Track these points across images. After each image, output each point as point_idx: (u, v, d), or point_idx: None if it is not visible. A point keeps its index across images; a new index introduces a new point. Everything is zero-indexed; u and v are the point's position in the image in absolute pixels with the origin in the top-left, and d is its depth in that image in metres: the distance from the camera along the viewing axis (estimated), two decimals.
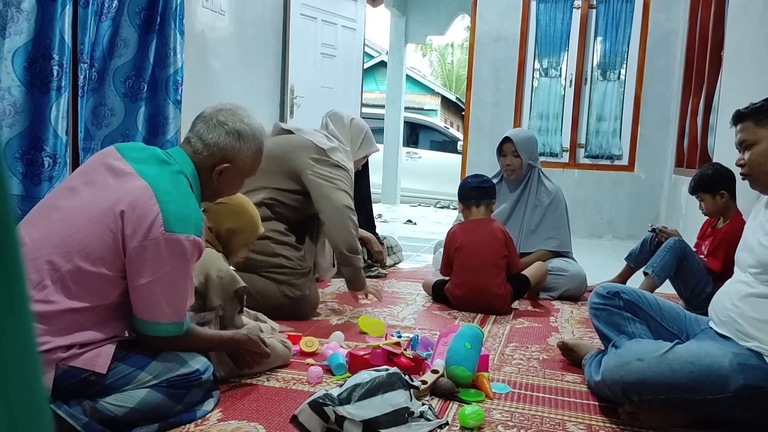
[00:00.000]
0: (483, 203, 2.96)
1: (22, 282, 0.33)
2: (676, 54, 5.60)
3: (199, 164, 1.60)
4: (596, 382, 1.81)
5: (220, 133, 1.60)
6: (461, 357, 1.82)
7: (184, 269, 1.47)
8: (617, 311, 1.94)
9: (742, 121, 1.78)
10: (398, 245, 3.97)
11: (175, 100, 3.85)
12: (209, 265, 1.84)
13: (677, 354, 1.63)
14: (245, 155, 1.63)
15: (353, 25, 6.04)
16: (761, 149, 1.71)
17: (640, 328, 1.89)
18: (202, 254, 1.54)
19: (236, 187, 1.71)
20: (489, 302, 2.81)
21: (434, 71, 21.67)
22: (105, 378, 1.42)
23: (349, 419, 1.43)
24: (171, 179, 1.50)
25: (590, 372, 1.89)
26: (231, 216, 2.00)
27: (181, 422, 1.53)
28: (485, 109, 6.13)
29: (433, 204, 9.21)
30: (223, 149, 1.60)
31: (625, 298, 1.97)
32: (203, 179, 1.61)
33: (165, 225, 1.42)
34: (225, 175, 1.62)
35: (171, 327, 1.49)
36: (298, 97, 5.38)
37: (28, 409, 0.32)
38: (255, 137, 1.65)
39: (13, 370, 0.31)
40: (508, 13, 6.02)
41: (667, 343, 1.68)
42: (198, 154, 1.60)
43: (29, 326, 0.33)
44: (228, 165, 1.61)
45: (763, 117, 1.73)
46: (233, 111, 1.65)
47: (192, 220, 1.47)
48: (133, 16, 3.77)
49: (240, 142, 1.62)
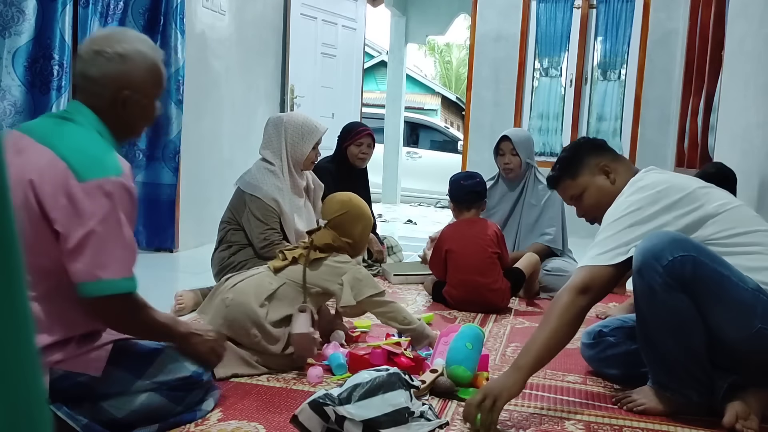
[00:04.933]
0: (475, 206, 2.97)
1: (21, 282, 0.33)
2: (676, 54, 5.60)
3: (98, 105, 1.44)
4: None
5: (100, 63, 1.42)
6: (462, 357, 1.82)
7: (114, 215, 1.34)
8: (615, 349, 1.97)
9: (559, 183, 1.95)
10: (398, 245, 3.97)
11: (177, 100, 3.86)
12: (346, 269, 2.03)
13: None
14: (139, 75, 1.45)
15: (353, 24, 6.04)
16: (590, 193, 1.88)
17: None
18: (134, 195, 1.41)
19: (150, 113, 1.52)
20: (488, 299, 2.81)
21: (437, 71, 21.67)
22: (102, 384, 1.41)
23: (349, 419, 1.43)
24: (70, 133, 1.38)
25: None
26: (356, 220, 2.12)
27: (182, 422, 1.52)
28: (485, 109, 6.13)
29: (433, 204, 9.20)
30: (113, 78, 1.42)
31: (611, 329, 2.01)
32: (110, 118, 1.45)
33: (77, 176, 1.31)
34: (130, 104, 1.45)
35: (120, 283, 1.35)
36: (298, 96, 5.38)
37: (28, 409, 0.32)
38: (141, 53, 1.46)
39: (12, 370, 0.31)
40: (508, 13, 6.02)
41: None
42: (91, 96, 1.44)
43: (29, 326, 0.33)
44: (127, 92, 1.44)
45: (574, 169, 1.89)
46: (106, 36, 1.47)
47: (105, 161, 1.36)
48: (138, 17, 3.78)
49: (126, 64, 1.43)
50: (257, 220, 2.66)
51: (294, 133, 2.75)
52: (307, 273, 2.00)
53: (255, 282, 1.98)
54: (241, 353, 1.87)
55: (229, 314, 1.90)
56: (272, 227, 2.68)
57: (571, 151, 1.96)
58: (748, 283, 1.57)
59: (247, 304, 1.90)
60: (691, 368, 1.66)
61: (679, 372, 1.67)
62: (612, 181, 1.86)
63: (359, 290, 2.01)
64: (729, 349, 1.62)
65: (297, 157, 2.76)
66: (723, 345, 1.62)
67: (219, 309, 1.93)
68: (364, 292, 2.02)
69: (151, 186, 3.88)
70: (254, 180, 2.72)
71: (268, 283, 1.97)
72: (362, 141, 3.53)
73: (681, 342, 1.63)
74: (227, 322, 1.89)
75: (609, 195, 1.82)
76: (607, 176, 1.87)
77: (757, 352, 1.58)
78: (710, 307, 1.58)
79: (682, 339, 1.62)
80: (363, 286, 2.02)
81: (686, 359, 1.65)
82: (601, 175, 1.87)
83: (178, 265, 3.74)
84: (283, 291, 1.97)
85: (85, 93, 1.45)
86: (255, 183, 2.71)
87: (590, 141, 1.99)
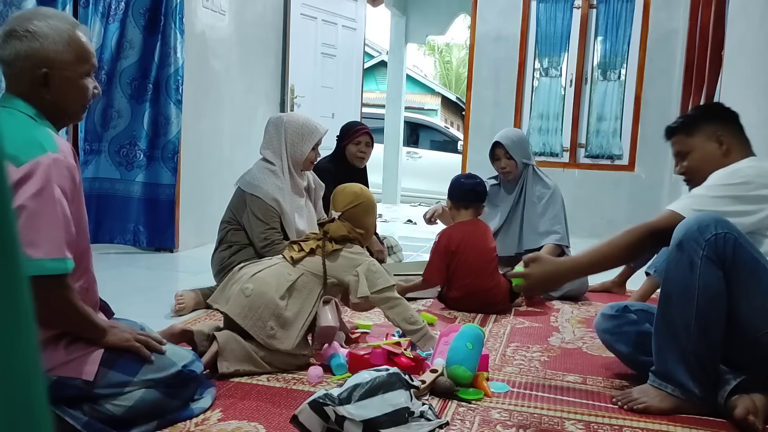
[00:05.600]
0: (473, 206, 2.96)
1: (21, 281, 0.33)
2: (676, 54, 5.60)
3: (22, 90, 1.37)
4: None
5: (12, 44, 1.36)
6: (462, 357, 1.82)
7: (48, 190, 1.27)
8: (634, 326, 1.96)
9: (674, 135, 1.96)
10: (398, 245, 3.97)
11: (176, 100, 3.85)
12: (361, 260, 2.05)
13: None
14: (57, 51, 1.38)
15: (353, 24, 6.04)
16: (696, 156, 1.90)
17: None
18: (74, 173, 1.37)
19: (80, 91, 1.43)
20: (489, 301, 2.81)
21: (437, 71, 21.67)
22: (96, 387, 1.41)
23: (349, 419, 1.43)
24: (1, 123, 1.31)
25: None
26: (368, 211, 2.16)
27: (179, 419, 1.53)
28: (485, 109, 6.13)
29: (433, 204, 9.19)
30: (25, 57, 1.35)
31: (635, 309, 2.00)
32: (37, 101, 1.38)
33: (14, 162, 1.25)
34: (53, 83, 1.38)
35: (49, 263, 1.27)
36: (299, 96, 5.38)
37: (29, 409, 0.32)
38: (55, 28, 1.38)
39: (13, 370, 0.31)
40: (508, 13, 6.02)
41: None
42: (13, 81, 1.38)
43: (30, 326, 0.33)
44: (44, 69, 1.36)
45: (692, 128, 1.90)
46: (18, 16, 1.41)
47: (39, 141, 1.30)
48: (138, 18, 3.78)
49: (39, 41, 1.36)
50: (258, 219, 2.66)
51: (294, 133, 2.75)
52: (327, 264, 2.02)
53: (274, 273, 1.97)
54: (247, 348, 1.86)
55: (250, 304, 1.88)
56: (273, 227, 2.68)
57: (697, 110, 1.98)
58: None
59: (268, 295, 1.90)
60: (702, 355, 1.66)
61: (688, 359, 1.66)
62: (723, 153, 1.86)
63: (373, 282, 2.02)
64: (751, 342, 1.64)
65: (296, 157, 2.76)
66: (745, 338, 1.64)
67: (238, 298, 1.90)
68: (378, 284, 2.02)
69: (151, 186, 3.88)
70: (255, 180, 2.72)
71: (287, 274, 1.97)
72: (360, 140, 3.53)
73: (700, 323, 1.63)
74: (246, 312, 1.88)
75: (713, 164, 1.84)
76: (719, 146, 1.87)
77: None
78: (743, 291, 1.62)
79: (703, 320, 1.64)
80: (377, 278, 2.03)
81: (699, 343, 1.65)
82: (714, 143, 1.88)
83: (178, 265, 3.74)
84: (302, 282, 1.98)
85: (8, 79, 1.39)
86: (255, 183, 2.71)
87: (722, 109, 1.97)
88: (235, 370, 1.83)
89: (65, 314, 1.36)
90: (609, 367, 2.12)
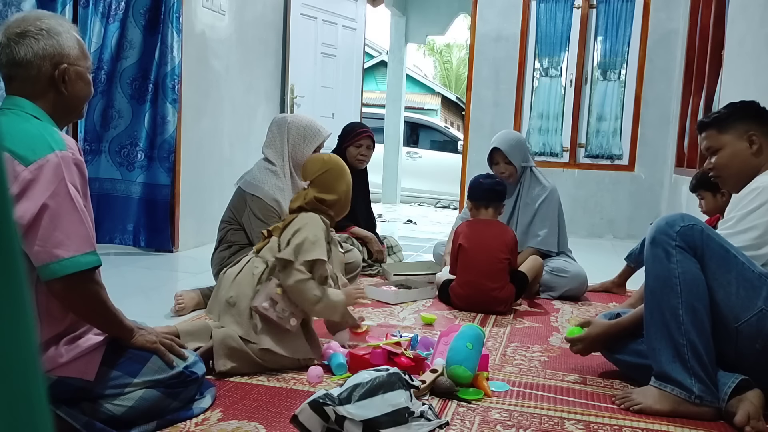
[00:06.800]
0: (492, 205, 2.96)
1: (21, 281, 0.33)
2: (676, 54, 5.60)
3: (33, 90, 1.38)
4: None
5: (28, 43, 1.36)
6: (462, 357, 1.82)
7: (63, 188, 1.29)
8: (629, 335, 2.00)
9: (706, 130, 1.96)
10: (398, 245, 3.97)
11: (172, 100, 3.84)
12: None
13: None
14: (70, 47, 1.41)
15: (353, 24, 6.04)
16: (726, 153, 1.89)
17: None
18: (83, 169, 1.38)
19: (87, 86, 1.47)
20: (490, 304, 2.81)
21: (437, 71, 21.68)
22: (98, 386, 1.41)
23: (349, 419, 1.43)
24: (7, 124, 1.33)
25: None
26: (338, 177, 2.10)
27: (179, 419, 1.54)
28: (485, 109, 6.13)
29: (433, 204, 9.20)
30: (45, 56, 1.37)
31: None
32: (48, 101, 1.40)
33: (23, 162, 1.27)
34: (69, 78, 1.40)
35: (84, 259, 1.31)
36: (298, 96, 5.38)
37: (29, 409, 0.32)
38: (62, 26, 1.41)
39: (13, 369, 0.31)
40: (508, 13, 6.02)
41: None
42: (25, 82, 1.38)
43: (29, 325, 0.33)
44: (65, 65, 1.39)
45: (724, 124, 1.90)
46: (22, 18, 1.41)
47: (47, 140, 1.32)
48: (138, 18, 3.77)
49: (54, 38, 1.38)
50: (258, 219, 2.66)
51: (297, 134, 2.75)
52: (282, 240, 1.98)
53: (246, 271, 1.99)
54: (243, 346, 1.87)
55: (238, 312, 1.91)
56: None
57: (732, 108, 1.96)
58: (757, 267, 1.67)
59: (246, 298, 1.92)
60: (695, 343, 1.67)
61: (682, 354, 1.67)
62: (754, 152, 1.86)
63: (301, 251, 1.91)
64: (733, 333, 1.67)
65: (298, 158, 2.76)
66: (729, 329, 1.68)
67: (226, 309, 1.93)
68: (305, 256, 1.91)
69: (150, 187, 3.87)
70: (255, 180, 2.72)
71: (254, 268, 1.97)
72: (362, 142, 3.53)
73: (688, 309, 1.68)
74: (236, 319, 1.90)
75: (742, 163, 1.86)
76: (750, 145, 1.87)
77: (756, 338, 1.64)
78: (716, 278, 1.68)
79: (690, 305, 1.68)
80: (306, 249, 1.91)
81: (690, 330, 1.67)
82: (745, 141, 1.87)
83: (178, 265, 3.74)
84: (271, 269, 1.97)
85: (17, 81, 1.39)
86: (256, 183, 2.71)
87: (757, 108, 1.95)
88: (231, 367, 1.84)
89: (98, 311, 1.40)
90: (609, 367, 2.12)
